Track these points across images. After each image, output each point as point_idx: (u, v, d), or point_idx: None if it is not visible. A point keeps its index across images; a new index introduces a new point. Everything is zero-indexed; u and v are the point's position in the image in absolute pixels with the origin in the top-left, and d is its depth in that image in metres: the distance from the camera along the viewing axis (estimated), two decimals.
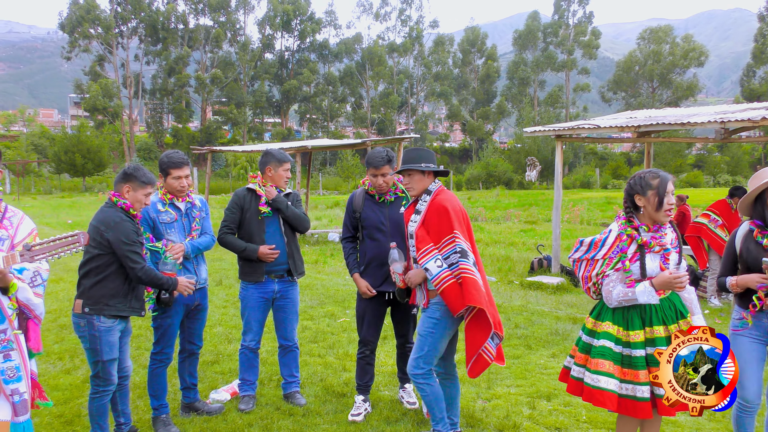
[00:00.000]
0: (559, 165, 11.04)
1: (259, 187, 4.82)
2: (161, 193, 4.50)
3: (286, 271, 4.91)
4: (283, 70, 73.40)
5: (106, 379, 3.90)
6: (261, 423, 4.54)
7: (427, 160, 4.06)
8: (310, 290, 9.32)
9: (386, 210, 4.69)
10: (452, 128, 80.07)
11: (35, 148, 56.30)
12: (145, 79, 68.59)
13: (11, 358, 3.10)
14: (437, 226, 3.96)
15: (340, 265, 12.31)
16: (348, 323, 7.45)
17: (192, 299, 4.53)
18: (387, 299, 4.71)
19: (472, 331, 3.96)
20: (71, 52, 63.62)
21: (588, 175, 51.49)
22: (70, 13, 62.49)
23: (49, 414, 4.66)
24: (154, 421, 4.44)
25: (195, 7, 68.89)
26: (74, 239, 3.10)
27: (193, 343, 4.75)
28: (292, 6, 70.56)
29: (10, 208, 3.24)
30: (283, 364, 5.04)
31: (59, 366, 5.80)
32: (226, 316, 7.76)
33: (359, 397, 4.83)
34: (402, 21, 76.22)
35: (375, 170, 4.57)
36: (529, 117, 58.69)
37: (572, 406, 4.93)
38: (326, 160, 65.25)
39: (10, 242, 3.15)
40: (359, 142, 17.46)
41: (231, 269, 11.13)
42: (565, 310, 8.19)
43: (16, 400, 3.10)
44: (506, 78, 74.92)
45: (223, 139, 66.70)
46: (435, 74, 74.43)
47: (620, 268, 3.46)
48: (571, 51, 71.16)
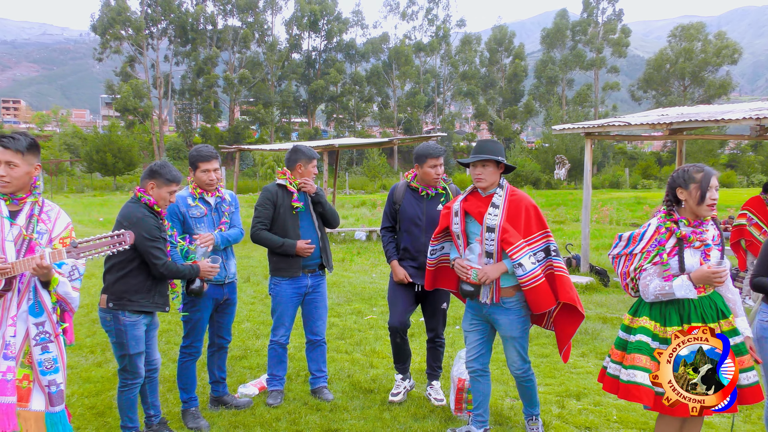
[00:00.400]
0: (588, 163, 10.91)
1: (290, 184, 4.83)
2: (191, 188, 4.52)
3: (318, 266, 4.95)
4: (310, 70, 73.80)
5: (134, 372, 3.94)
6: (289, 417, 4.55)
7: (502, 153, 4.00)
8: (337, 288, 9.34)
9: (424, 205, 4.77)
10: (479, 128, 79.66)
11: (68, 148, 57.44)
12: (174, 80, 69.51)
13: (49, 350, 3.16)
14: (526, 222, 3.93)
15: (366, 263, 12.33)
16: (375, 321, 7.44)
17: (221, 293, 4.56)
18: (417, 291, 4.81)
19: (564, 323, 4.14)
20: (103, 53, 64.73)
21: (617, 174, 50.83)
22: (101, 15, 63.57)
23: (81, 405, 4.73)
24: (184, 414, 4.48)
25: (223, 8, 69.62)
26: (120, 239, 3.19)
27: (222, 337, 4.78)
28: (319, 6, 70.90)
29: (47, 203, 3.30)
30: (310, 359, 5.05)
31: (91, 359, 5.89)
32: (254, 312, 7.81)
33: (398, 376, 4.99)
34: (429, 20, 76.09)
35: (435, 159, 4.64)
36: (557, 116, 58.18)
37: (602, 406, 4.86)
38: (353, 159, 65.40)
39: (48, 236, 3.22)
40: (386, 141, 17.47)
41: (258, 266, 11.21)
42: (594, 310, 8.08)
43: (53, 391, 3.16)
44: (534, 77, 74.37)
45: (251, 138, 67.25)
46: (462, 73, 74.15)
47: (658, 262, 3.38)
48: (600, 49, 70.33)
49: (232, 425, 4.42)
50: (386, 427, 4.42)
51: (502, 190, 4.01)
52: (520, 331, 4.06)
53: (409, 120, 71.19)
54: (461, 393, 4.63)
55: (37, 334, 3.13)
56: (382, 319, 7.52)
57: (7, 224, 3.11)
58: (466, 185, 24.62)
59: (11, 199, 3.15)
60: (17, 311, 3.09)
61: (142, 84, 63.31)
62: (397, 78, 72.87)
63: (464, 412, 4.63)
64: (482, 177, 3.97)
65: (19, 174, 3.11)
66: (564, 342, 4.18)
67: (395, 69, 72.31)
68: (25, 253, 3.11)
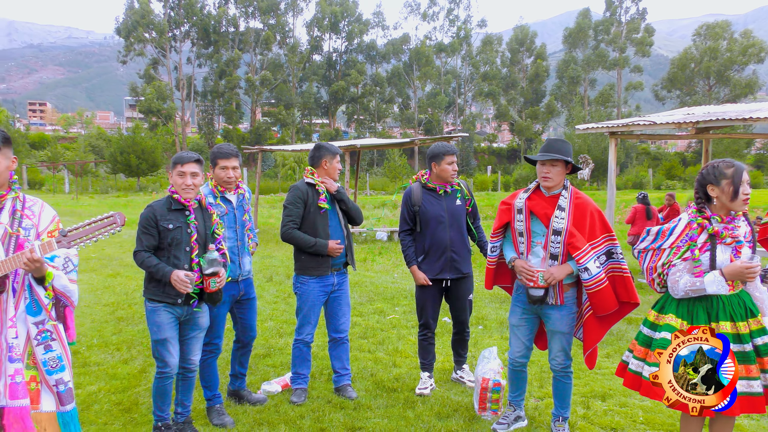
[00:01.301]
0: (612, 163, 10.79)
1: (318, 182, 4.86)
2: (212, 185, 4.56)
3: (343, 264, 4.99)
4: (331, 71, 74.03)
5: (161, 360, 3.97)
6: (313, 415, 4.56)
7: (571, 154, 4.00)
8: (360, 287, 9.35)
9: (444, 202, 4.94)
10: (500, 128, 79.28)
11: (92, 149, 58.23)
12: (196, 82, 70.15)
13: (52, 349, 3.08)
14: (591, 226, 3.93)
15: (388, 263, 12.33)
16: (398, 320, 7.44)
17: (237, 290, 4.60)
18: (444, 286, 5.01)
19: (593, 326, 4.09)
20: (127, 56, 65.59)
21: (641, 175, 50.22)
22: (125, 18, 64.44)
23: (108, 402, 4.79)
24: (209, 411, 4.52)
25: (245, 11, 70.14)
26: (110, 221, 3.02)
27: (247, 333, 4.83)
28: (340, 8, 71.13)
29: (29, 198, 3.17)
30: (334, 357, 5.06)
31: (117, 356, 5.95)
32: (277, 311, 7.85)
33: (424, 374, 5.13)
34: (450, 21, 75.92)
35: (451, 157, 4.86)
36: (579, 116, 57.58)
37: (628, 407, 4.81)
38: (373, 160, 65.44)
39: (36, 231, 3.10)
40: (407, 141, 17.45)
41: (281, 266, 11.26)
42: None
43: (61, 390, 3.10)
44: (556, 77, 73.78)
45: (272, 140, 67.64)
46: (483, 74, 73.85)
47: (688, 258, 3.33)
48: (623, 49, 69.58)
49: (257, 422, 4.44)
50: (410, 425, 4.42)
51: (567, 191, 3.98)
52: (569, 326, 4.08)
53: (430, 121, 71.06)
54: (485, 393, 4.61)
55: (37, 333, 3.04)
56: (405, 318, 7.51)
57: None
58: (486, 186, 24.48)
59: None
60: (16, 312, 2.99)
61: (165, 86, 64.06)
62: (418, 79, 72.81)
63: (488, 411, 4.61)
64: (549, 176, 3.94)
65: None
66: (589, 345, 4.16)
67: (416, 70, 72.24)
68: (14, 251, 2.99)
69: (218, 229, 4.13)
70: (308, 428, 4.36)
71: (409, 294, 8.90)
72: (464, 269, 5.00)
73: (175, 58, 67.90)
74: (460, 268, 4.98)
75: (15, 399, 2.91)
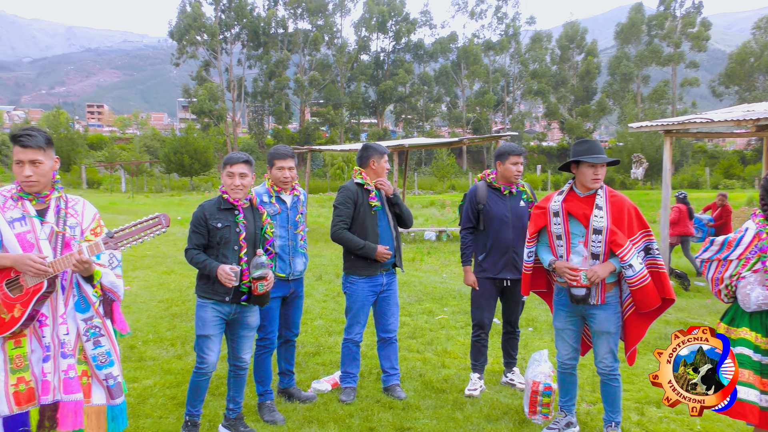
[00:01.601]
0: (667, 162, 10.50)
1: (367, 183, 4.88)
2: (268, 185, 4.65)
3: (392, 264, 5.00)
4: (378, 71, 74.25)
5: (199, 355, 4.02)
6: (361, 414, 4.58)
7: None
8: (408, 287, 9.35)
9: (508, 202, 4.96)
10: (550, 127, 78.10)
11: (147, 150, 59.85)
12: (247, 83, 71.36)
13: (101, 344, 3.18)
14: (629, 222, 3.94)
15: (436, 263, 12.29)
16: (446, 320, 7.41)
17: (287, 288, 4.67)
18: (503, 286, 5.03)
19: (635, 324, 4.08)
20: (179, 58, 67.25)
21: (697, 174, 48.70)
22: (178, 22, 66.05)
23: (163, 396, 4.91)
24: (260, 407, 4.59)
25: (294, 12, 70.98)
26: (156, 222, 3.08)
27: (290, 330, 4.89)
28: (387, 7, 71.26)
29: (70, 196, 3.27)
30: (383, 356, 5.08)
31: (171, 352, 6.10)
32: (326, 309, 7.92)
33: (474, 375, 5.13)
34: (498, 18, 75.20)
35: (517, 157, 4.88)
36: (632, 114, 56.22)
37: (684, 414, 4.66)
38: (421, 159, 65.35)
39: (80, 229, 3.20)
40: (456, 141, 17.37)
41: (329, 265, 11.35)
42: (674, 315, 7.78)
43: (110, 384, 3.18)
44: (607, 74, 72.24)
45: (321, 139, 68.28)
46: (532, 72, 72.88)
47: (759, 269, 3.21)
48: (678, 44, 67.58)
49: (307, 420, 4.49)
50: (459, 427, 4.39)
51: (602, 190, 4.01)
52: (615, 326, 4.03)
53: (478, 120, 70.52)
54: (536, 396, 4.55)
55: (86, 329, 3.14)
56: (453, 319, 7.48)
57: (38, 223, 3.07)
58: (536, 185, 24.18)
59: (37, 198, 3.11)
60: (65, 309, 3.09)
61: (217, 87, 65.40)
62: (466, 77, 72.35)
63: (538, 415, 4.55)
64: (600, 178, 3.98)
65: (44, 171, 3.07)
66: (632, 344, 4.15)
67: (464, 68, 71.80)
68: (62, 249, 3.09)
69: (268, 230, 4.17)
70: (357, 427, 4.38)
71: (457, 294, 8.86)
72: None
73: (226, 59, 69.24)
74: (520, 269, 4.90)
75: (69, 393, 3.02)
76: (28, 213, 3.06)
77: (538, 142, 74.22)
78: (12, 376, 2.94)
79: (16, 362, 2.96)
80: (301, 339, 6.45)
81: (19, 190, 3.09)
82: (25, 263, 2.92)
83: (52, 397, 2.98)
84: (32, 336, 3.01)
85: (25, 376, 2.97)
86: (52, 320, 3.04)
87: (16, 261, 2.94)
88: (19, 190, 3.09)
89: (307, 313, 7.60)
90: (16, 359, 2.96)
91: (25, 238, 3.02)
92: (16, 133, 3.04)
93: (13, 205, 3.06)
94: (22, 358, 2.98)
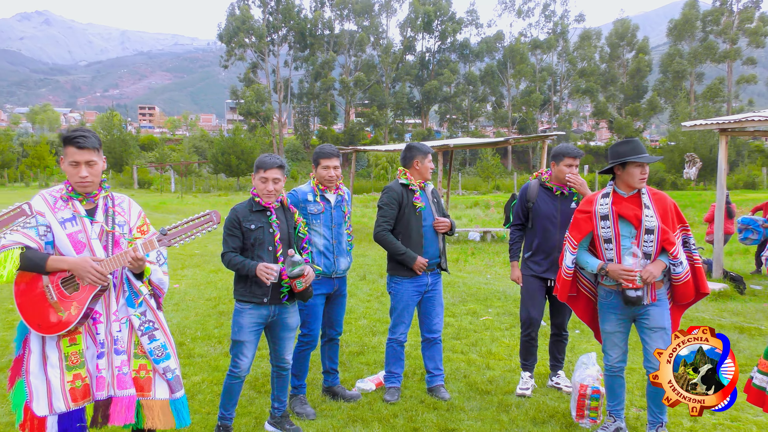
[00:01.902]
0: (723, 162, 10.16)
1: (411, 183, 4.86)
2: (313, 183, 4.68)
3: (437, 264, 4.96)
4: (423, 71, 74.16)
5: (233, 359, 4.01)
6: (406, 414, 4.57)
7: None
8: (452, 288, 9.29)
9: (558, 203, 4.91)
10: (598, 126, 76.65)
11: (196, 150, 61.24)
12: (293, 84, 72.23)
13: (156, 338, 3.23)
14: (672, 218, 3.96)
15: (480, 263, 12.19)
16: (491, 321, 7.33)
17: (331, 286, 4.69)
18: (548, 285, 4.96)
19: (675, 315, 4.14)
20: (228, 60, 68.53)
21: (753, 174, 47.04)
22: (227, 25, 67.31)
23: (210, 392, 4.99)
24: (292, 399, 4.63)
25: (340, 13, 71.53)
26: (207, 218, 3.10)
27: (333, 328, 4.90)
28: (433, 7, 71.10)
29: (116, 195, 3.33)
30: (427, 357, 5.05)
31: (219, 349, 6.20)
32: (370, 309, 7.93)
33: (525, 374, 5.10)
34: (546, 16, 74.21)
35: (572, 159, 4.84)
36: (685, 113, 54.65)
37: (740, 422, 4.50)
38: (466, 160, 64.97)
39: (128, 227, 3.26)
40: (502, 140, 17.19)
41: (374, 265, 11.37)
42: (729, 319, 7.52)
43: (169, 377, 3.23)
44: (659, 72, 70.45)
45: (365, 140, 68.60)
46: (580, 70, 71.67)
47: None
48: (734, 40, 65.47)
49: (351, 419, 4.50)
50: (504, 429, 4.33)
51: (645, 189, 4.00)
52: (668, 322, 4.00)
53: (524, 119, 69.72)
54: (583, 399, 4.46)
55: (141, 324, 3.19)
56: (498, 320, 7.40)
57: (89, 223, 3.11)
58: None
59: (87, 198, 3.16)
60: (117, 306, 3.15)
61: (264, 89, 66.39)
62: (512, 77, 71.60)
63: (586, 419, 4.46)
64: (645, 178, 3.96)
65: (98, 171, 3.12)
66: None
67: (510, 68, 71.08)
68: (112, 248, 3.14)
69: (302, 229, 4.15)
70: (401, 427, 4.37)
71: (502, 296, 8.76)
72: None
73: (273, 61, 70.23)
74: None
75: (122, 389, 3.08)
76: (78, 213, 3.11)
77: (585, 142, 72.88)
78: (68, 373, 3.01)
79: (71, 359, 3.03)
80: (345, 338, 6.48)
81: (70, 190, 3.14)
82: (86, 270, 2.96)
83: (106, 392, 3.05)
84: (86, 333, 3.08)
85: (81, 373, 3.04)
86: (105, 317, 3.11)
87: (74, 267, 2.98)
88: (70, 190, 3.14)
89: (351, 313, 7.62)
90: (72, 356, 3.03)
91: (76, 238, 3.07)
92: (70, 134, 3.09)
93: (63, 206, 3.11)
94: (78, 355, 3.04)
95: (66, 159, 3.10)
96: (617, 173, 4.01)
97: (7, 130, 73.66)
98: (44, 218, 3.04)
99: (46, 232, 3.04)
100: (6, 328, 6.90)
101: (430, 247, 4.87)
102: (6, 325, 7.03)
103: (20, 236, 2.96)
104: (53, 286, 3.01)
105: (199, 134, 73.06)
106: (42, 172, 50.59)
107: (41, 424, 2.97)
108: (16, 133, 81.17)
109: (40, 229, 3.03)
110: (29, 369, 3.02)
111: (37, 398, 2.98)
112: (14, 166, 56.62)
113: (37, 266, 2.97)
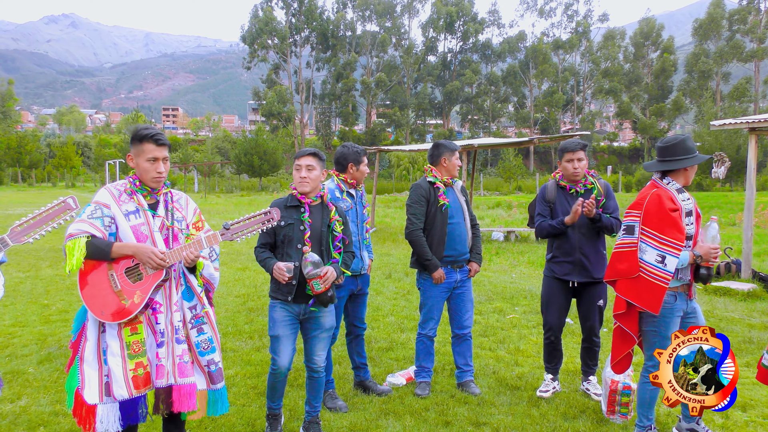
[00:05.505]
0: (752, 161, 10.06)
1: (438, 180, 4.93)
2: (337, 180, 4.77)
3: (466, 261, 5.01)
4: (445, 71, 74.10)
5: (272, 357, 4.03)
6: (437, 408, 4.63)
7: None
8: (478, 286, 9.33)
9: (574, 202, 4.70)
10: (621, 126, 75.94)
11: (219, 151, 61.82)
12: (315, 85, 72.58)
13: (204, 332, 3.32)
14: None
15: (505, 263, 12.19)
16: (518, 320, 7.36)
17: (355, 284, 4.76)
18: (571, 286, 4.83)
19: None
20: (251, 62, 69.07)
21: None
22: (250, 26, 67.82)
23: (244, 386, 5.09)
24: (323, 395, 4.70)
25: (362, 14, 71.72)
26: (268, 216, 3.23)
27: (357, 325, 4.98)
28: (455, 8, 71.01)
29: (174, 192, 3.44)
30: (457, 353, 5.10)
31: (250, 344, 6.31)
32: (397, 307, 8.00)
33: (548, 376, 5.03)
34: (568, 16, 73.74)
35: (570, 154, 4.71)
36: (711, 113, 53.92)
37: None
38: (487, 160, 64.75)
39: (186, 223, 3.38)
40: (525, 140, 17.15)
41: (399, 263, 11.43)
42: (759, 318, 7.47)
43: (212, 370, 3.33)
44: (684, 71, 69.60)
45: (387, 140, 68.69)
46: (603, 70, 71.09)
47: None
48: (762, 39, 64.50)
49: (383, 412, 4.57)
50: (535, 424, 4.37)
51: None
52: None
53: (546, 120, 69.33)
54: (614, 395, 4.47)
55: (192, 317, 3.29)
56: (525, 318, 7.42)
57: (151, 216, 3.23)
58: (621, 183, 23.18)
59: (150, 193, 3.28)
60: (177, 297, 3.26)
61: (286, 90, 66.80)
62: (534, 77, 71.22)
63: (617, 414, 4.47)
64: (689, 179, 3.95)
65: (168, 167, 3.29)
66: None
67: (532, 68, 70.72)
68: (172, 242, 3.25)
69: (337, 227, 4.08)
70: (433, 420, 4.42)
71: (528, 294, 8.78)
72: (595, 274, 4.74)
73: (295, 62, 70.65)
74: (591, 273, 4.75)
75: (184, 377, 3.20)
76: (141, 206, 3.24)
77: (608, 143, 72.31)
78: (130, 362, 3.12)
79: (133, 348, 3.13)
80: (373, 335, 6.56)
81: (137, 185, 3.26)
82: (148, 255, 3.07)
83: (166, 380, 3.16)
84: (146, 323, 3.19)
85: (143, 361, 3.15)
86: (166, 308, 3.22)
87: (137, 251, 3.10)
88: (137, 185, 3.26)
89: (378, 310, 7.70)
90: (134, 345, 3.14)
91: (139, 230, 3.18)
92: (149, 132, 3.23)
93: (127, 199, 3.24)
94: (140, 343, 3.15)
95: (143, 155, 3.22)
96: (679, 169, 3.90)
97: (34, 131, 74.97)
98: (109, 210, 3.16)
99: (110, 223, 3.15)
100: (43, 322, 7.08)
101: (458, 244, 4.91)
102: (42, 319, 7.21)
103: (86, 225, 3.08)
104: (117, 275, 3.12)
105: (221, 135, 73.68)
106: (68, 172, 51.45)
107: (91, 411, 3.07)
108: (43, 134, 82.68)
109: (105, 220, 3.14)
110: (84, 356, 3.13)
111: (89, 386, 3.08)
112: (41, 167, 57.69)
113: (102, 252, 3.08)
